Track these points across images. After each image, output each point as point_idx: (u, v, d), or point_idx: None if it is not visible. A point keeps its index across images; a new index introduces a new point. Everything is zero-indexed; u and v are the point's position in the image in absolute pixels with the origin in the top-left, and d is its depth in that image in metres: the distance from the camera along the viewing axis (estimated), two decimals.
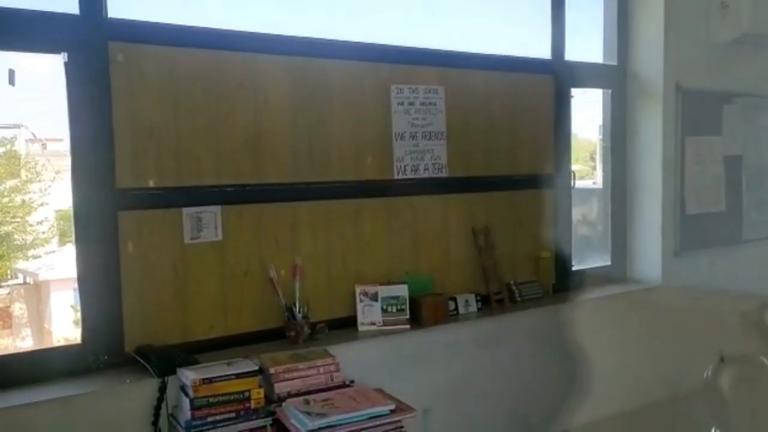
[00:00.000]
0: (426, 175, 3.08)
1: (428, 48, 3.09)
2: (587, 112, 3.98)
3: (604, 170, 4.00)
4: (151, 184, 2.42)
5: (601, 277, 3.82)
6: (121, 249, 2.37)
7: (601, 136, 4.00)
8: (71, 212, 2.32)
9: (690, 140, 3.84)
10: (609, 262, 3.91)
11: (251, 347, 2.54)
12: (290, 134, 2.72)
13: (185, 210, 2.49)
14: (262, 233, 2.68)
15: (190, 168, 2.50)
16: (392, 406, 2.07)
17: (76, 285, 2.36)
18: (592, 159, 4.50)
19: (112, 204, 2.35)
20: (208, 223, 2.54)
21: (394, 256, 3.01)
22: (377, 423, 2.02)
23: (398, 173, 3.01)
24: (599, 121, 3.97)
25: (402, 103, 2.99)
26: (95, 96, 2.32)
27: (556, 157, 3.53)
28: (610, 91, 3.82)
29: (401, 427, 2.06)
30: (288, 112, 2.71)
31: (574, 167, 3.70)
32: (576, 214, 3.74)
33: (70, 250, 2.41)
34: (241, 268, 2.63)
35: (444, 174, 3.13)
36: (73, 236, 2.33)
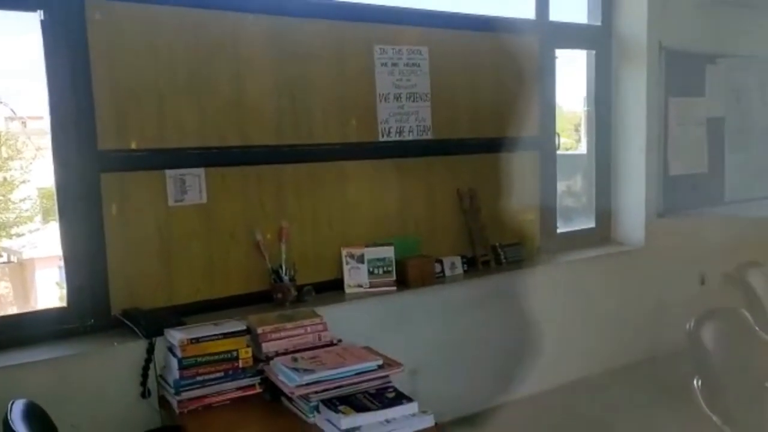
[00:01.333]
0: (410, 137, 3.07)
1: (412, 7, 3.06)
2: (572, 85, 3.97)
3: (588, 135, 4.01)
4: (133, 145, 2.39)
5: (585, 240, 3.85)
6: (104, 211, 2.35)
7: (585, 108, 3.99)
8: (53, 174, 2.29)
9: (673, 101, 3.85)
10: (593, 225, 3.94)
11: (238, 310, 2.54)
12: (273, 96, 2.69)
13: (168, 172, 2.47)
14: (247, 196, 2.66)
15: (172, 129, 2.47)
16: (380, 362, 2.08)
17: (61, 263, 2.35)
18: (577, 131, 4.51)
19: (94, 166, 2.32)
20: (192, 185, 2.52)
21: (380, 219, 3.01)
22: (365, 378, 2.03)
23: (383, 135, 2.99)
24: (584, 93, 3.97)
25: (386, 64, 2.96)
26: (73, 56, 2.27)
27: (540, 119, 3.52)
28: (594, 52, 3.80)
29: (389, 382, 2.07)
30: (270, 73, 2.68)
31: (562, 152, 3.70)
32: (560, 178, 3.75)
33: (53, 228, 2.39)
34: (227, 231, 2.62)
35: (429, 136, 3.12)
36: (55, 198, 2.30)
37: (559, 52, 3.59)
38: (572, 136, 4.61)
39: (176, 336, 2.15)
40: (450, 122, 3.18)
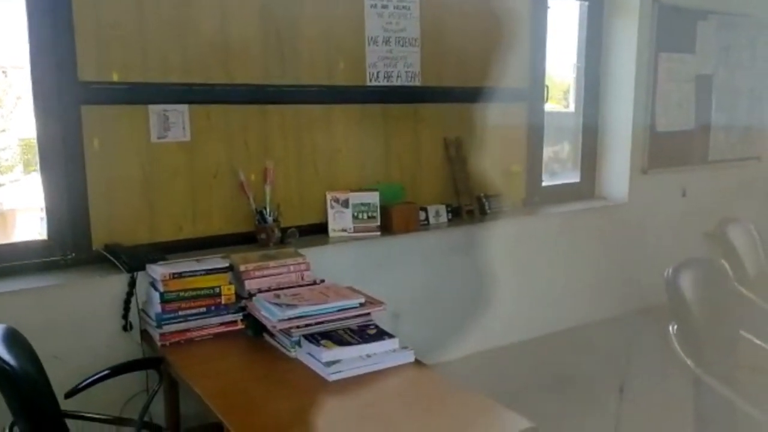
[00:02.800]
0: (399, 83, 3.03)
1: None
2: (563, 52, 3.90)
3: (576, 90, 3.99)
4: (115, 78, 2.34)
5: (569, 193, 3.87)
6: (85, 145, 2.31)
7: (576, 64, 3.95)
8: (32, 105, 2.24)
9: (663, 57, 3.84)
10: (578, 180, 3.96)
11: (222, 249, 2.53)
12: (259, 34, 2.63)
13: (151, 107, 2.42)
14: (231, 135, 2.63)
15: (155, 63, 2.42)
16: (362, 300, 2.10)
17: (43, 214, 2.31)
18: (566, 98, 4.48)
19: (75, 97, 2.27)
20: (176, 122, 2.48)
21: (365, 164, 2.99)
22: (347, 315, 2.04)
23: (371, 79, 2.96)
24: (575, 50, 3.92)
25: (375, 6, 2.90)
26: None
27: (530, 70, 3.49)
28: (587, 3, 3.76)
29: (371, 320, 2.08)
30: (257, 11, 2.62)
31: (549, 108, 3.67)
32: (548, 134, 3.74)
33: (35, 179, 2.34)
34: (210, 170, 2.59)
35: (417, 83, 3.08)
36: (35, 130, 2.25)
37: (551, 2, 3.54)
38: (561, 103, 4.59)
39: (158, 270, 2.14)
40: (439, 69, 3.14)
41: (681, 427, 2.39)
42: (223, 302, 2.20)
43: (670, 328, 2.31)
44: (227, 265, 2.24)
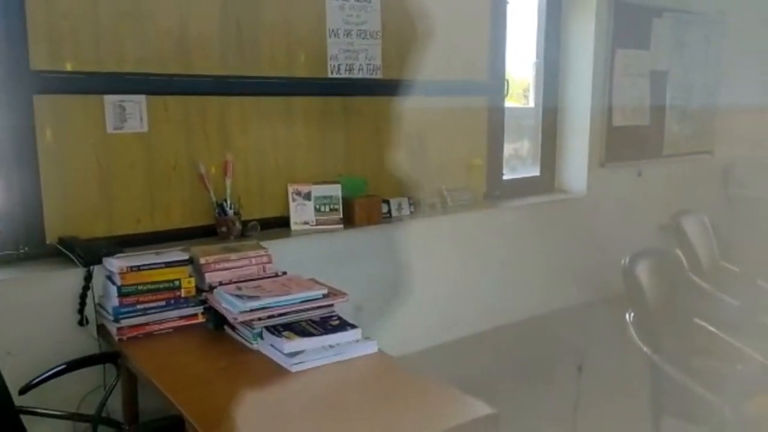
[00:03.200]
0: (360, 75, 3.03)
1: None
2: (522, 52, 3.94)
3: (535, 85, 4.04)
4: (69, 67, 2.28)
5: (530, 187, 3.92)
6: (38, 136, 2.24)
7: (534, 71, 3.99)
8: None
9: (620, 53, 3.91)
10: (538, 173, 4.01)
11: (181, 243, 2.49)
12: (219, 23, 2.60)
13: (107, 97, 2.37)
14: (190, 127, 2.59)
15: (111, 53, 2.37)
16: (325, 291, 2.09)
17: None
18: (526, 96, 4.53)
19: (27, 87, 2.21)
20: (133, 113, 2.43)
21: (327, 157, 2.98)
22: (310, 306, 2.03)
23: (332, 72, 2.94)
24: (533, 57, 3.96)
25: None
26: None
27: (490, 64, 3.53)
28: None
29: (333, 311, 2.08)
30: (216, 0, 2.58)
31: (509, 104, 3.71)
32: (509, 128, 3.78)
33: None
34: (169, 162, 2.54)
35: (378, 75, 3.08)
36: None
37: None
38: (521, 100, 4.64)
39: (115, 264, 2.09)
40: (400, 63, 3.15)
41: (638, 408, 2.45)
42: (182, 295, 2.16)
43: (627, 316, 2.37)
44: (187, 257, 2.21)
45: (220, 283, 2.20)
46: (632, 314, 2.33)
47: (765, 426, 1.71)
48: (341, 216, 2.90)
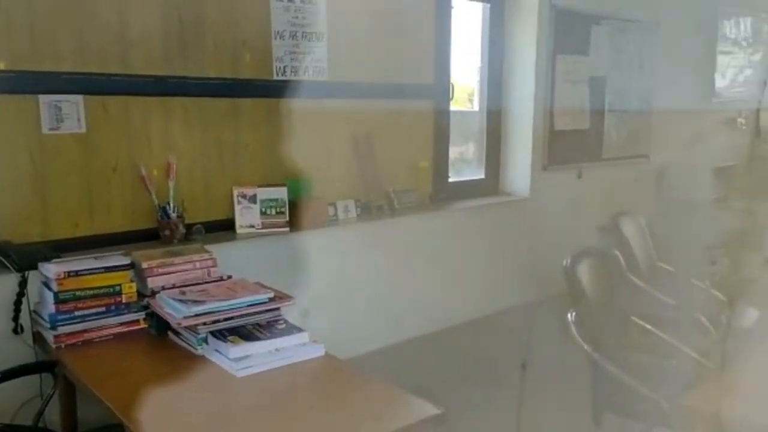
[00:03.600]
0: (306, 77, 3.01)
1: None
2: (468, 58, 4.00)
3: (480, 90, 4.11)
4: (1, 66, 2.19)
5: (475, 189, 3.98)
6: None
7: (479, 76, 4.05)
8: None
9: (561, 59, 4.02)
10: (483, 176, 4.08)
11: (122, 247, 2.42)
12: (160, 21, 2.54)
13: (42, 97, 2.29)
14: (131, 128, 2.52)
15: (46, 51, 2.28)
16: (271, 294, 2.07)
17: None
18: (471, 101, 4.60)
19: None
20: (70, 113, 2.35)
21: (273, 159, 2.95)
22: (255, 310, 2.01)
23: (278, 74, 2.92)
24: (478, 61, 4.02)
25: None
26: None
27: (436, 67, 3.56)
28: (489, 5, 3.88)
29: (280, 315, 2.06)
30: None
31: (455, 108, 3.76)
32: (454, 132, 3.83)
33: None
34: (109, 164, 2.47)
35: (324, 77, 3.07)
36: None
37: (455, 2, 3.63)
38: (466, 104, 4.70)
39: (51, 269, 2.02)
40: (346, 65, 3.14)
41: (580, 404, 2.52)
42: (124, 301, 2.10)
43: (569, 315, 2.43)
44: (128, 262, 2.15)
45: (163, 288, 2.14)
46: (574, 313, 2.39)
47: (699, 418, 1.78)
48: (287, 219, 2.88)
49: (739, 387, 1.91)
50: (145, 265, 2.18)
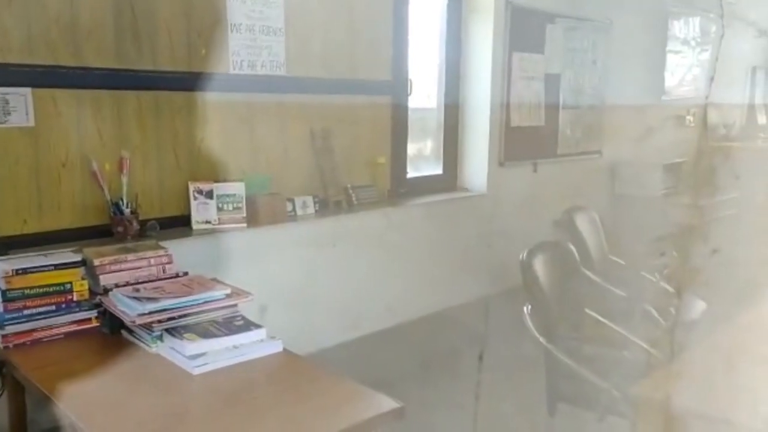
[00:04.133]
0: (263, 72, 2.98)
1: None
2: (425, 54, 4.01)
3: (438, 86, 4.13)
4: None
5: (433, 185, 4.01)
6: None
7: (437, 72, 4.07)
8: None
9: (516, 56, 4.07)
10: (441, 172, 4.11)
11: (74, 244, 2.35)
12: (112, 11, 2.48)
13: None
14: (82, 122, 2.46)
15: None
16: (228, 291, 2.04)
17: None
18: (429, 97, 4.62)
19: None
20: (17, 106, 2.28)
21: (230, 155, 2.92)
22: (212, 307, 1.98)
23: (234, 68, 2.89)
24: (436, 58, 4.04)
25: None
26: None
27: (394, 63, 3.57)
28: (446, 1, 3.90)
29: (237, 311, 2.04)
30: None
31: (413, 104, 3.77)
32: (412, 127, 3.85)
33: None
34: (59, 159, 2.41)
35: (282, 72, 3.05)
36: None
37: None
38: (424, 102, 4.71)
39: None
40: (304, 60, 3.13)
41: (536, 396, 2.57)
42: (75, 299, 2.05)
43: (525, 308, 2.47)
44: (79, 259, 2.09)
45: (116, 286, 2.10)
46: (529, 306, 2.44)
47: (649, 405, 1.84)
48: (245, 215, 2.85)
49: (686, 375, 1.97)
50: (97, 262, 2.13)
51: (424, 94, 4.13)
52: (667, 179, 5.09)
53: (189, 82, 2.73)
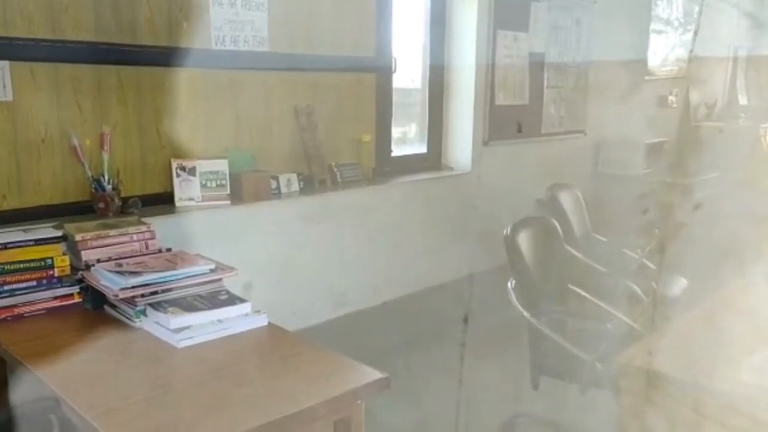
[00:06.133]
0: (246, 48, 2.95)
1: None
2: (410, 33, 3.98)
3: (422, 64, 4.11)
4: None
5: (417, 164, 4.00)
6: None
7: (422, 52, 4.04)
8: None
9: (501, 34, 4.06)
10: (425, 151, 4.10)
11: (54, 220, 2.33)
12: None
13: None
14: (61, 97, 2.42)
15: None
16: (212, 266, 2.03)
17: None
18: (413, 77, 4.60)
19: None
20: None
21: (213, 131, 2.89)
22: (196, 281, 1.97)
23: (216, 43, 2.85)
24: (421, 37, 4.01)
25: None
26: None
27: (378, 40, 3.55)
28: None
29: (222, 286, 2.03)
30: None
31: (397, 84, 3.74)
32: (397, 107, 3.83)
33: None
34: (38, 134, 2.37)
35: (265, 48, 3.01)
36: None
37: None
38: (409, 81, 4.69)
39: None
40: (287, 36, 3.10)
41: (520, 368, 2.59)
42: (56, 275, 2.03)
43: (509, 283, 2.49)
44: (60, 234, 2.07)
45: (98, 261, 2.08)
46: (513, 281, 2.45)
47: (629, 376, 1.87)
48: (228, 192, 2.83)
49: (666, 347, 2.00)
50: (78, 237, 2.10)
51: (409, 78, 4.11)
52: (649, 159, 5.13)
53: (170, 57, 2.69)
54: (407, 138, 4.17)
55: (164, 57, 2.67)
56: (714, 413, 1.56)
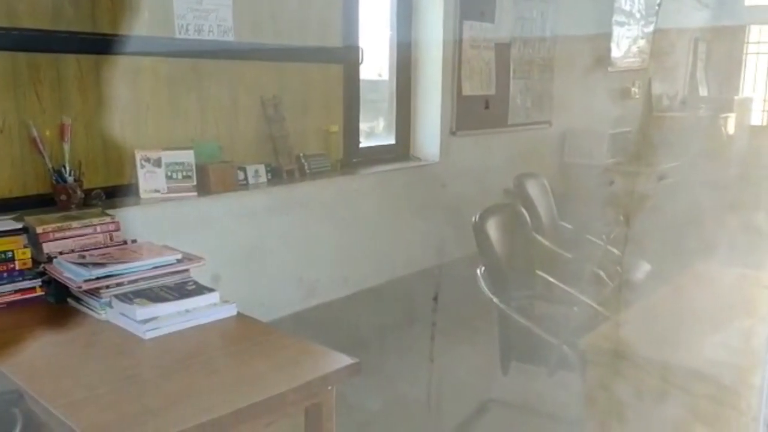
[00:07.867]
0: (210, 37, 2.91)
1: None
2: (377, 24, 3.97)
3: (390, 56, 4.11)
4: None
5: (385, 154, 4.00)
6: None
7: (389, 43, 4.04)
8: None
9: (468, 24, 4.08)
10: (394, 141, 4.10)
11: (14, 213, 2.26)
12: None
13: None
14: (18, 87, 2.35)
15: None
16: (179, 256, 2.01)
17: None
18: (380, 76, 4.59)
19: None
20: None
21: (178, 122, 2.85)
22: (163, 272, 1.94)
23: (180, 32, 2.80)
24: (387, 29, 4.00)
25: None
26: None
27: (344, 31, 3.53)
28: None
29: (189, 276, 2.00)
30: None
31: (364, 76, 3.73)
32: (364, 98, 3.82)
33: None
34: None
35: (230, 38, 2.98)
36: None
37: None
38: (376, 72, 4.69)
39: None
40: (253, 25, 3.06)
41: (489, 355, 2.62)
42: (17, 267, 1.97)
43: (478, 270, 2.51)
44: (20, 227, 2.02)
45: (61, 254, 2.03)
46: (482, 268, 2.47)
47: (595, 358, 1.90)
48: (195, 183, 2.79)
49: (632, 329, 2.04)
50: (39, 230, 2.05)
51: (376, 71, 4.10)
52: (613, 149, 5.21)
53: (132, 45, 2.63)
54: (375, 132, 4.17)
55: (125, 45, 2.62)
56: (681, 383, 1.60)
